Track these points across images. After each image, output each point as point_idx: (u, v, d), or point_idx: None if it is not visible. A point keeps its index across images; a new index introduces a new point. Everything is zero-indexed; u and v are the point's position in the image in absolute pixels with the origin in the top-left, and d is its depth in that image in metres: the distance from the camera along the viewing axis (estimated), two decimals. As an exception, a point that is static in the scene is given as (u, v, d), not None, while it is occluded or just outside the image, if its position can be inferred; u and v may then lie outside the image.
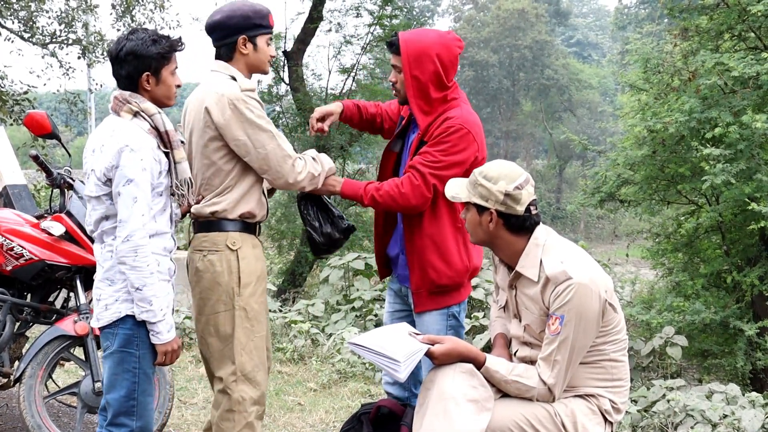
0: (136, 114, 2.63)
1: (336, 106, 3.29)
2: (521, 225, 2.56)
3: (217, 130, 2.84)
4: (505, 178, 2.53)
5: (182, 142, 2.74)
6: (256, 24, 2.89)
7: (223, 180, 2.90)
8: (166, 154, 2.67)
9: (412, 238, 3.01)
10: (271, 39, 2.98)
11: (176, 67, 2.72)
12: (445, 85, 2.99)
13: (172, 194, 2.72)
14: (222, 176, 2.90)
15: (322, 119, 3.27)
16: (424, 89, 2.95)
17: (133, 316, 2.62)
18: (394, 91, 3.08)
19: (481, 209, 2.57)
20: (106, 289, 2.65)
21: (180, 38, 2.72)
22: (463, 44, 3.08)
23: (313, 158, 2.99)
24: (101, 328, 2.68)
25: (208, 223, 2.93)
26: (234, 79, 2.89)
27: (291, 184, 2.90)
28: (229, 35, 2.90)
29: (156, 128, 2.65)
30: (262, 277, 2.98)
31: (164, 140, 2.66)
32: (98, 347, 3.46)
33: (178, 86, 2.74)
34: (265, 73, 3.06)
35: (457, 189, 2.65)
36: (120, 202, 2.56)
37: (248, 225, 2.96)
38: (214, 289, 2.92)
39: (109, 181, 2.59)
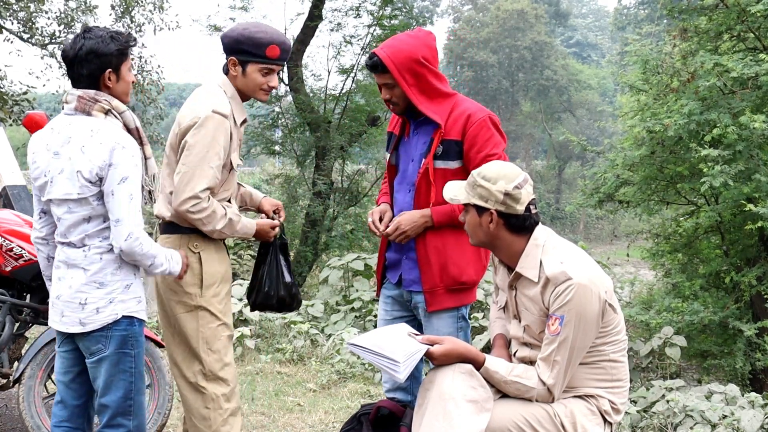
0: (107, 112, 2.62)
1: (383, 206, 3.20)
2: (521, 225, 2.57)
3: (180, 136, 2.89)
4: (503, 178, 2.54)
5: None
6: (246, 50, 2.90)
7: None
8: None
9: (425, 237, 3.00)
10: (268, 70, 2.95)
11: (132, 63, 2.73)
12: (441, 76, 3.01)
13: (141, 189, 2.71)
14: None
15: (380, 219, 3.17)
16: (427, 91, 2.95)
17: (126, 317, 2.62)
18: (390, 107, 3.05)
19: (480, 210, 2.57)
20: (95, 292, 2.61)
21: (131, 33, 2.75)
22: (433, 35, 3.09)
23: (232, 219, 2.93)
24: (90, 332, 2.63)
25: (171, 225, 2.96)
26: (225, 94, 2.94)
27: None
28: (225, 52, 2.96)
29: (126, 125, 2.65)
30: (226, 278, 3.03)
31: (135, 137, 2.67)
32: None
33: (133, 82, 2.75)
34: (260, 100, 3.06)
35: (455, 191, 2.65)
36: (114, 201, 2.55)
37: None
38: (176, 291, 2.95)
39: (99, 181, 2.57)
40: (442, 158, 2.97)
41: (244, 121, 3.03)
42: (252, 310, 3.26)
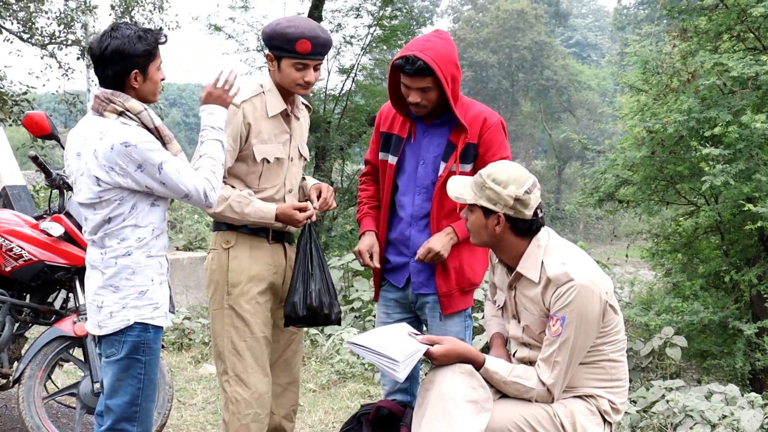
0: (121, 113, 2.54)
1: (371, 239, 3.12)
2: (528, 228, 2.55)
3: None
4: (514, 182, 2.50)
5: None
6: (278, 46, 2.89)
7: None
8: None
9: None
10: (302, 65, 2.89)
11: (161, 62, 2.66)
12: None
13: None
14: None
15: (370, 257, 3.11)
16: (456, 94, 2.94)
17: (140, 323, 2.59)
18: (416, 109, 2.94)
19: (487, 212, 2.54)
20: (111, 296, 2.58)
21: (161, 29, 2.66)
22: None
23: (232, 204, 2.89)
24: (105, 336, 2.62)
25: (215, 222, 3.02)
26: (262, 86, 2.96)
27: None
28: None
29: (144, 126, 2.56)
30: (257, 278, 2.95)
31: (155, 136, 2.58)
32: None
33: (162, 80, 2.70)
34: (298, 93, 3.00)
35: (460, 189, 2.60)
36: (169, 187, 2.53)
37: (252, 227, 2.96)
38: (210, 287, 2.99)
39: (119, 186, 2.51)
40: (458, 161, 2.97)
41: (287, 115, 2.99)
42: (285, 325, 3.02)
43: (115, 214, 2.56)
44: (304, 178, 3.23)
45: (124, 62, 2.53)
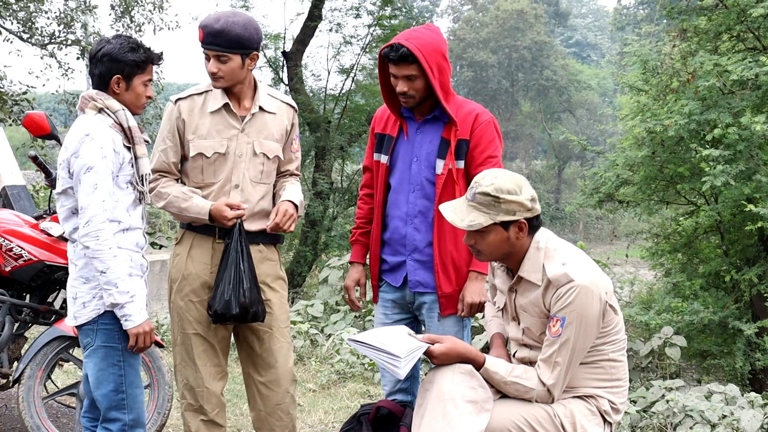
0: (100, 110, 2.69)
1: (357, 273, 3.22)
2: (539, 222, 2.57)
3: None
4: (522, 184, 2.50)
5: (146, 141, 2.78)
6: None
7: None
8: (129, 150, 2.72)
9: (440, 243, 2.97)
10: (206, 55, 2.93)
11: (150, 80, 2.78)
12: (450, 73, 3.02)
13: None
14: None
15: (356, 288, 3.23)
16: (445, 87, 2.93)
17: (112, 312, 2.64)
18: (404, 99, 2.93)
19: (506, 225, 2.50)
20: (82, 287, 2.67)
21: (161, 54, 2.78)
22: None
23: (171, 199, 2.97)
24: (80, 326, 2.70)
25: None
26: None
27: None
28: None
29: (120, 124, 2.70)
30: (192, 276, 2.98)
31: (127, 136, 2.72)
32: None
33: (149, 98, 2.80)
34: (213, 85, 3.01)
35: (466, 216, 2.51)
36: (80, 189, 2.60)
37: (198, 224, 2.99)
38: None
39: (71, 172, 2.64)
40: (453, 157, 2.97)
41: (231, 111, 2.97)
42: (214, 322, 2.95)
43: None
44: (284, 187, 3.13)
45: (110, 65, 2.69)
